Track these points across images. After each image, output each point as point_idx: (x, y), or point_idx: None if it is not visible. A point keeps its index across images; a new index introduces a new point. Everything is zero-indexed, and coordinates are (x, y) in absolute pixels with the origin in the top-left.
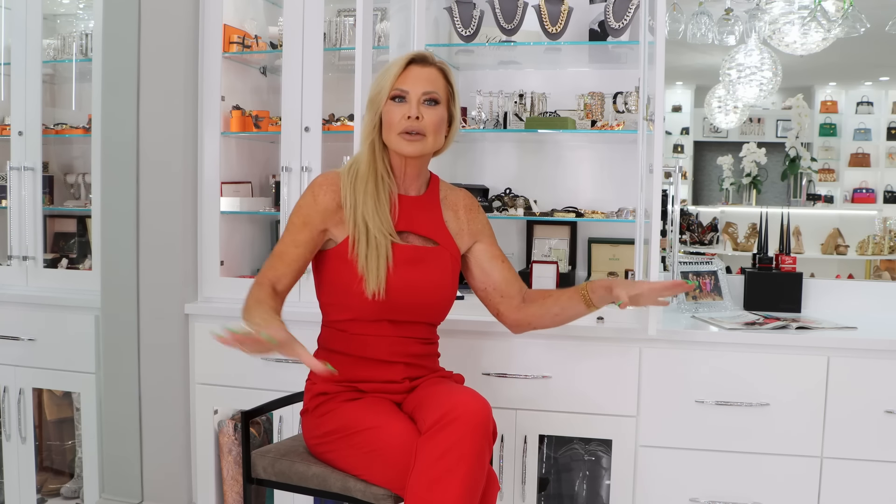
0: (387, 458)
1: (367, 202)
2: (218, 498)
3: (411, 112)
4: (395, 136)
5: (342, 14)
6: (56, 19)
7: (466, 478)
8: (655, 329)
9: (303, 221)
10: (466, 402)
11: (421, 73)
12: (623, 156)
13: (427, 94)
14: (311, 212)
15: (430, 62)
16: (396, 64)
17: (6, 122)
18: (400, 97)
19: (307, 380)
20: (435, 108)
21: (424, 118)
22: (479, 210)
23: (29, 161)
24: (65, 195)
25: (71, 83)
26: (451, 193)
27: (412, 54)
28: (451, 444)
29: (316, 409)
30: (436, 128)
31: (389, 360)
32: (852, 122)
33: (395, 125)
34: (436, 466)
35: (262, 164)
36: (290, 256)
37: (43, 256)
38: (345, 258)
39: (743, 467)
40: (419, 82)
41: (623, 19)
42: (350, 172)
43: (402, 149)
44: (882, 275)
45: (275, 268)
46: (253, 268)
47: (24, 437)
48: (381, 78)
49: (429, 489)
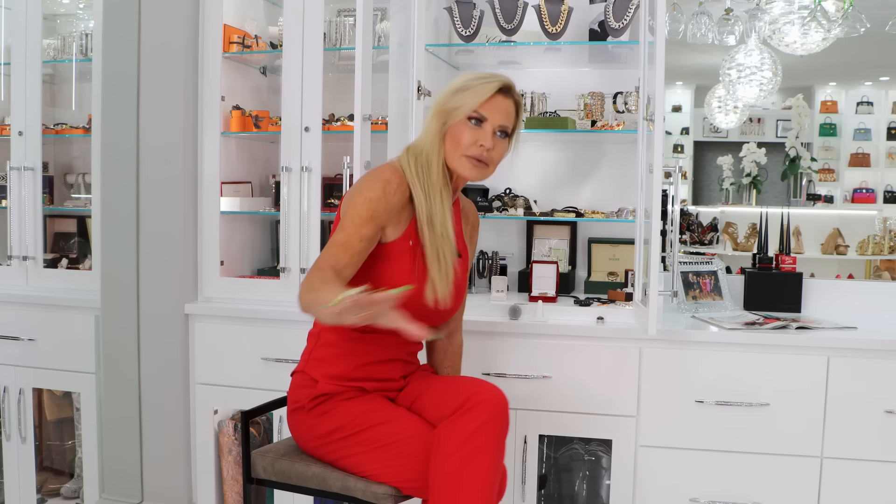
0: (403, 451)
1: (445, 218)
2: (218, 498)
3: (486, 142)
4: (462, 158)
5: (342, 14)
6: (56, 19)
7: (493, 459)
8: (655, 329)
9: (370, 215)
10: (485, 388)
11: (503, 104)
12: (623, 156)
13: (502, 128)
14: (380, 207)
15: (513, 94)
16: (486, 88)
17: (6, 122)
18: (478, 120)
19: (298, 372)
20: (504, 140)
21: (494, 149)
22: (478, 228)
23: (29, 161)
24: (65, 195)
25: (71, 83)
26: (465, 204)
27: (502, 82)
28: (479, 426)
29: (314, 409)
30: (500, 159)
31: (392, 359)
32: (852, 122)
33: (464, 147)
34: (463, 448)
35: (262, 164)
36: (356, 248)
37: (43, 256)
38: (396, 259)
39: (743, 467)
40: (500, 113)
41: (623, 19)
42: (420, 171)
43: (466, 172)
44: (882, 275)
45: (338, 256)
46: (253, 268)
47: (24, 437)
48: (464, 94)
49: (458, 470)
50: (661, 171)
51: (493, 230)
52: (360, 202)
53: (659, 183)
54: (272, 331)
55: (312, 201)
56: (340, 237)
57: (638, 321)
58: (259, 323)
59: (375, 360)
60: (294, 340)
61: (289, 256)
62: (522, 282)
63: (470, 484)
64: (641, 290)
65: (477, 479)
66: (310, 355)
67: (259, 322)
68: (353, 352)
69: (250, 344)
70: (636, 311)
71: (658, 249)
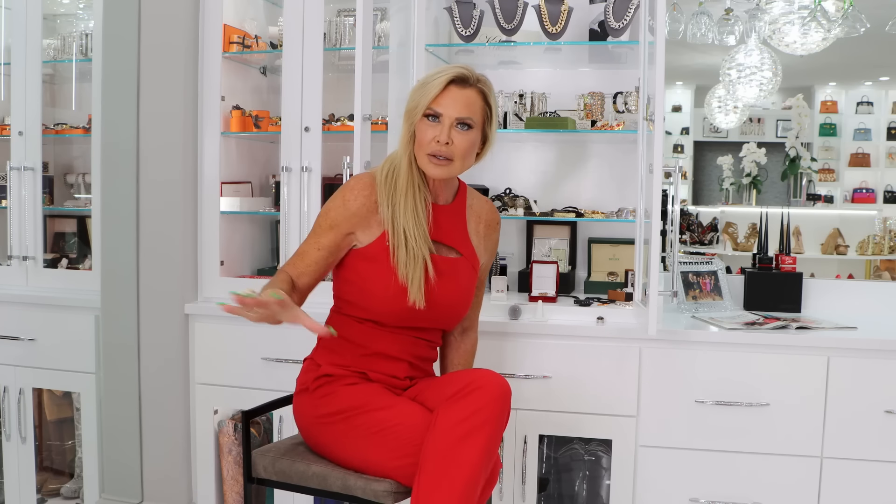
0: (401, 437)
1: (406, 213)
2: (218, 498)
3: (441, 137)
4: (424, 157)
5: (342, 14)
6: (56, 19)
7: (489, 440)
8: (655, 329)
9: (329, 224)
10: (487, 374)
11: (459, 95)
12: (623, 156)
13: (461, 120)
14: (339, 216)
15: (471, 83)
16: (436, 82)
17: (6, 122)
18: (434, 117)
19: (308, 359)
20: (467, 132)
21: (454, 143)
22: (496, 229)
23: (29, 161)
24: (65, 195)
25: (71, 83)
26: (476, 202)
27: (453, 74)
28: (477, 409)
29: (317, 391)
30: (465, 153)
31: (397, 357)
32: (852, 122)
33: (424, 145)
34: (461, 426)
35: (262, 164)
36: (311, 258)
37: (43, 256)
38: (373, 261)
39: (743, 467)
40: (455, 106)
41: (623, 19)
42: (388, 180)
43: (429, 171)
44: (882, 275)
45: (295, 265)
46: (253, 268)
47: (24, 437)
48: (419, 92)
49: (453, 447)
50: (661, 171)
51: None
52: (323, 213)
53: (659, 183)
54: (272, 331)
55: (312, 201)
56: (301, 246)
57: (638, 321)
58: (259, 323)
59: (378, 353)
60: (294, 340)
61: (289, 256)
62: (522, 282)
63: (461, 463)
64: (641, 290)
65: (468, 460)
66: (318, 343)
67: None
68: (357, 343)
69: (250, 344)
70: (636, 311)
71: (658, 249)
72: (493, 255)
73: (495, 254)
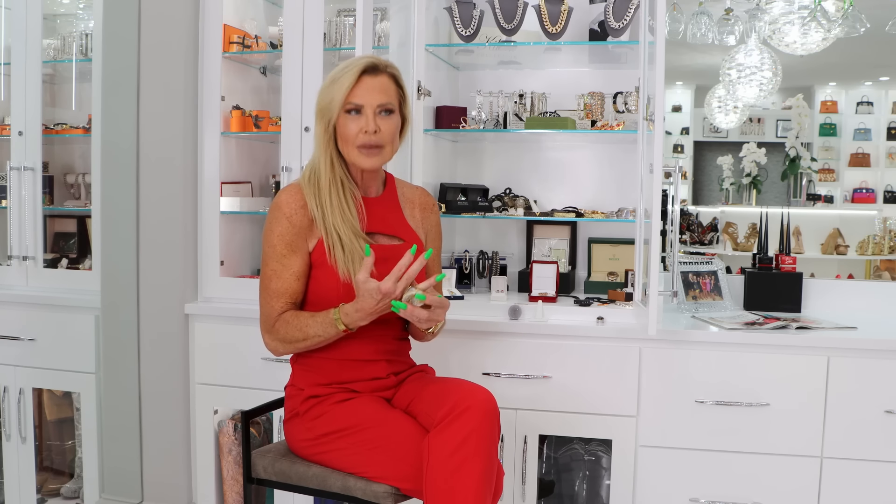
0: (395, 453)
1: (334, 211)
2: (218, 498)
3: (369, 127)
4: (354, 150)
5: (342, 14)
6: (56, 19)
7: (484, 466)
8: (655, 329)
9: (289, 249)
10: (473, 393)
11: (374, 83)
12: (623, 156)
13: (382, 106)
14: (292, 235)
15: (381, 70)
16: (348, 75)
17: (6, 122)
18: (355, 110)
19: (289, 385)
20: (390, 117)
21: (381, 130)
22: (433, 210)
23: (29, 161)
24: (65, 195)
25: (71, 83)
26: (407, 190)
27: (363, 64)
28: (466, 435)
29: (308, 413)
30: (392, 137)
31: (372, 359)
32: (852, 122)
33: (351, 139)
34: (453, 458)
35: (262, 164)
36: (297, 286)
37: (43, 256)
38: (319, 266)
39: (743, 467)
40: (374, 94)
41: (623, 19)
42: (311, 183)
43: (362, 163)
44: (882, 275)
45: (287, 300)
46: (253, 268)
47: (24, 437)
48: (332, 89)
49: (448, 480)
50: (661, 171)
51: (493, 230)
52: (276, 241)
53: (659, 183)
54: None
55: None
56: (273, 284)
57: (638, 321)
58: (259, 323)
59: (352, 359)
60: None
61: None
62: (522, 282)
63: (462, 494)
64: (641, 290)
65: (468, 488)
66: (294, 367)
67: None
68: (329, 357)
69: (250, 344)
70: (636, 311)
71: (658, 249)
72: (438, 235)
73: (440, 235)
